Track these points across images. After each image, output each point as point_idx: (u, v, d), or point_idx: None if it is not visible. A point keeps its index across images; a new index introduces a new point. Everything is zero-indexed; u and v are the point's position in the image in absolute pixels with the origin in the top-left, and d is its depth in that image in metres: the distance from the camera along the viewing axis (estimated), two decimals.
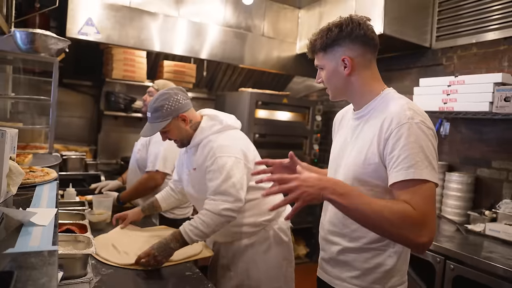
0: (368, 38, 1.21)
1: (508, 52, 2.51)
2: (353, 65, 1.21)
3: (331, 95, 1.30)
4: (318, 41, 1.24)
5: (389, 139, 1.11)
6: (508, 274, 1.70)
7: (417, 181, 1.05)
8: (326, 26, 1.24)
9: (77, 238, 1.32)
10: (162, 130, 1.70)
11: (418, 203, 1.05)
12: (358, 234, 1.22)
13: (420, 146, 1.07)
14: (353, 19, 1.21)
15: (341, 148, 1.31)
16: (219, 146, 1.68)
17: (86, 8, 2.84)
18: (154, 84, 2.49)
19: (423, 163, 1.06)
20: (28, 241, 0.73)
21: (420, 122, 1.10)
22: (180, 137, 1.75)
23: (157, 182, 2.30)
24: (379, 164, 1.14)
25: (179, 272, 1.52)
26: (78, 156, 3.14)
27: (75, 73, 3.43)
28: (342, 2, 3.29)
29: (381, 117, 1.16)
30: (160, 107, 1.68)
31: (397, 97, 1.22)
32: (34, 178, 1.22)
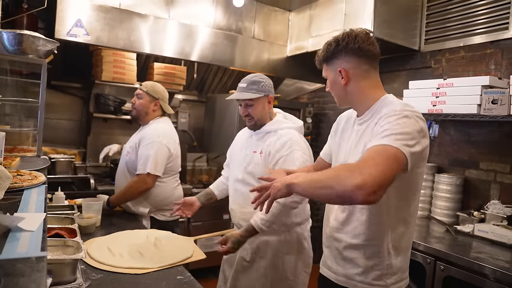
0: (363, 51, 1.29)
1: (495, 56, 2.56)
2: (348, 76, 1.31)
3: (337, 102, 1.41)
4: (321, 54, 1.37)
5: (377, 124, 1.21)
6: (497, 274, 1.73)
7: (384, 146, 1.10)
8: (329, 40, 1.37)
9: (66, 242, 1.29)
10: (250, 102, 1.87)
11: (367, 156, 1.10)
12: (358, 230, 1.29)
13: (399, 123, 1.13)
14: (350, 33, 1.31)
15: (348, 152, 1.38)
16: (297, 141, 1.86)
17: (75, 9, 2.80)
18: (142, 86, 2.47)
19: (397, 136, 1.11)
20: (15, 247, 0.71)
21: (410, 113, 1.17)
22: (259, 116, 1.91)
23: (148, 185, 2.28)
24: None
25: (171, 276, 1.50)
26: (67, 159, 3.10)
27: (64, 74, 3.38)
28: (332, 5, 3.31)
29: (376, 118, 1.25)
30: (258, 82, 1.89)
31: (394, 101, 1.29)
32: (21, 182, 1.19)
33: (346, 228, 1.32)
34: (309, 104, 4.03)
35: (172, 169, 2.43)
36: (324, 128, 4.12)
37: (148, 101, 2.42)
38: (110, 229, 2.01)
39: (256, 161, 1.89)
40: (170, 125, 2.51)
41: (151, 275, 1.49)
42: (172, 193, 2.43)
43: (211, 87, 4.19)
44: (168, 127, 2.46)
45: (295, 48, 3.77)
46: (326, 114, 4.13)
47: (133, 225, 2.12)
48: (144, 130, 2.41)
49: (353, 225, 1.30)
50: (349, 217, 1.31)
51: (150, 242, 1.77)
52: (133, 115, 2.51)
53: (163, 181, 2.36)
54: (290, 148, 1.82)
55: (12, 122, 2.70)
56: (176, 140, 2.47)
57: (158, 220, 2.37)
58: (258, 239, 1.85)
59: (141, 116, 2.45)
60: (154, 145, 2.28)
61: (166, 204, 2.39)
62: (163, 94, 2.48)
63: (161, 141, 2.31)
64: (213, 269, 3.48)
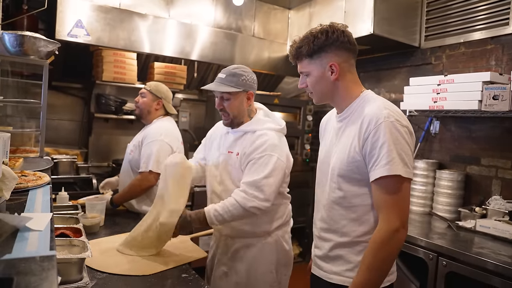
0: (351, 44, 1.29)
1: (495, 51, 2.56)
2: (339, 71, 1.28)
3: (317, 99, 1.37)
4: (304, 48, 1.29)
5: (368, 139, 1.21)
6: (499, 269, 1.73)
7: (392, 176, 1.17)
8: (310, 33, 1.30)
9: (72, 242, 1.30)
10: (226, 96, 1.74)
11: (387, 203, 1.19)
12: (348, 229, 1.30)
13: (395, 144, 1.17)
14: (336, 26, 1.29)
15: (327, 151, 1.39)
16: (273, 144, 1.70)
17: (75, 10, 2.80)
18: (146, 86, 2.49)
19: (397, 160, 1.16)
20: (25, 246, 0.72)
21: (395, 121, 1.19)
22: (235, 113, 1.76)
23: (150, 183, 2.29)
24: (361, 161, 1.24)
25: (175, 274, 1.51)
26: (69, 159, 3.10)
27: (64, 75, 3.38)
28: (332, 2, 3.31)
29: (360, 117, 1.25)
30: (239, 74, 1.74)
31: (374, 97, 1.30)
32: (26, 182, 1.20)
33: (334, 228, 1.33)
34: (310, 102, 4.03)
35: None
36: None
37: (151, 99, 2.44)
38: (114, 228, 2.02)
39: (232, 163, 1.77)
40: (173, 124, 2.52)
41: (156, 274, 1.50)
42: None
43: None
44: (171, 126, 2.47)
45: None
46: (326, 111, 4.10)
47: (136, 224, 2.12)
48: (147, 129, 2.43)
49: (341, 224, 1.31)
50: (335, 217, 1.32)
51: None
52: (136, 113, 2.54)
53: None
54: (264, 152, 1.68)
55: (14, 123, 2.70)
56: (179, 139, 2.48)
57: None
58: (238, 243, 1.78)
59: (144, 115, 2.47)
60: (156, 143, 2.30)
61: None
62: (167, 94, 2.49)
63: (163, 139, 2.32)
64: None
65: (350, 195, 1.28)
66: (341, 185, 1.30)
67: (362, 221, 1.28)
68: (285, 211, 1.85)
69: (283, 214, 1.84)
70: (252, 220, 1.73)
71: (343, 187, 1.29)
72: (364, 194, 1.27)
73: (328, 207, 1.34)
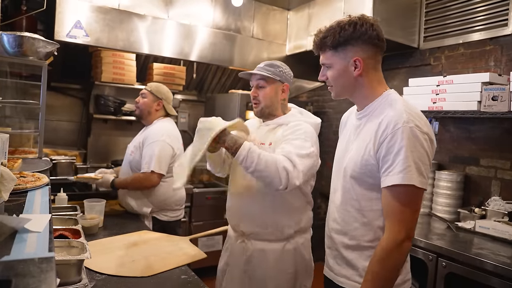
0: (379, 40, 1.21)
1: (494, 52, 2.57)
2: (363, 66, 1.21)
3: (335, 93, 1.30)
4: (329, 39, 1.22)
5: (383, 143, 1.15)
6: (498, 269, 1.73)
7: (404, 186, 1.11)
8: (338, 23, 1.22)
9: (71, 243, 1.30)
10: (262, 83, 1.72)
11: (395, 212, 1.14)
12: (358, 232, 1.26)
13: (410, 151, 1.11)
14: (366, 19, 1.21)
15: (342, 149, 1.35)
16: (310, 132, 1.64)
17: (74, 11, 2.80)
18: (147, 86, 2.50)
19: (412, 169, 1.10)
20: (23, 248, 0.72)
21: (414, 127, 1.12)
22: (268, 102, 1.73)
23: (152, 183, 2.29)
24: (375, 165, 1.18)
25: (175, 275, 1.51)
26: (68, 160, 3.09)
27: (63, 76, 3.38)
28: (331, 3, 3.32)
29: (378, 119, 1.19)
30: (277, 65, 1.76)
31: (396, 99, 1.22)
32: (25, 183, 1.19)
33: (345, 230, 1.29)
34: (309, 103, 4.03)
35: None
36: (325, 127, 4.12)
37: (151, 100, 2.44)
38: (113, 229, 2.01)
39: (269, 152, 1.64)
40: (174, 125, 2.52)
41: (156, 276, 1.49)
42: (175, 194, 2.43)
43: (210, 87, 4.19)
44: (171, 127, 2.47)
45: (294, 47, 3.78)
46: (326, 112, 4.13)
47: (135, 226, 2.13)
48: (148, 130, 2.43)
49: (352, 226, 1.27)
50: (348, 219, 1.28)
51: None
52: (136, 114, 2.54)
53: (166, 181, 2.36)
54: (304, 134, 1.61)
55: (12, 124, 2.70)
56: (179, 140, 2.48)
57: (160, 220, 2.37)
58: (255, 246, 1.70)
59: (144, 115, 2.47)
60: (158, 144, 2.29)
61: (168, 204, 2.40)
62: (167, 95, 2.50)
63: (165, 140, 2.32)
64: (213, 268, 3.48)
65: (362, 198, 1.24)
66: (353, 187, 1.25)
67: (373, 226, 1.24)
68: (307, 217, 1.77)
69: (303, 219, 1.74)
70: (274, 220, 1.66)
71: (355, 189, 1.25)
72: (376, 199, 1.22)
73: (340, 208, 1.31)
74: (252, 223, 1.69)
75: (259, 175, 1.50)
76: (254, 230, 1.70)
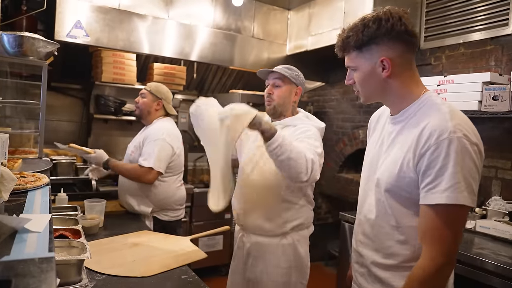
0: (409, 35, 1.07)
1: (495, 52, 2.56)
2: (393, 67, 1.07)
3: (364, 98, 1.17)
4: (352, 38, 1.09)
5: (425, 155, 1.01)
6: (499, 269, 1.73)
7: (450, 206, 0.97)
8: (361, 20, 1.09)
9: (71, 243, 1.30)
10: (278, 82, 1.80)
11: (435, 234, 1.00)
12: (393, 250, 1.12)
13: (459, 166, 0.96)
14: (393, 12, 1.07)
15: (373, 156, 1.21)
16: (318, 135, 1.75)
17: (74, 11, 2.80)
18: (146, 86, 2.50)
19: (461, 186, 0.96)
20: (23, 248, 0.71)
21: (463, 137, 0.97)
22: (281, 101, 1.81)
23: (149, 179, 2.26)
24: (414, 179, 1.05)
25: (175, 275, 1.51)
26: (68, 160, 3.10)
27: (63, 76, 3.38)
28: (331, 3, 3.32)
29: (419, 126, 1.05)
30: (294, 69, 1.85)
31: (439, 103, 1.08)
32: (25, 183, 1.19)
33: (377, 246, 1.16)
34: (309, 103, 4.03)
35: (175, 169, 2.43)
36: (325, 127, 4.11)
37: (151, 100, 2.44)
38: (113, 229, 2.01)
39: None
40: (174, 125, 2.52)
41: (156, 276, 1.49)
42: (175, 193, 2.43)
43: (210, 86, 4.19)
44: (172, 126, 2.47)
45: (295, 47, 3.78)
46: (326, 112, 4.13)
47: (136, 226, 2.13)
48: (148, 129, 2.43)
49: (386, 244, 1.13)
50: (381, 236, 1.14)
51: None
52: (136, 114, 2.54)
53: (165, 180, 2.36)
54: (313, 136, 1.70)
55: (13, 124, 2.70)
56: (179, 139, 2.48)
57: (161, 220, 2.37)
58: (253, 239, 1.79)
59: (144, 115, 2.47)
60: (158, 143, 2.29)
61: (169, 204, 2.39)
62: (167, 95, 2.49)
63: (165, 139, 2.32)
64: (214, 268, 3.49)
65: (398, 213, 1.10)
66: (388, 200, 1.11)
67: (411, 245, 1.10)
68: (305, 214, 1.82)
69: (303, 216, 1.80)
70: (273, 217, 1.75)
71: (390, 203, 1.11)
72: (413, 215, 1.08)
73: (372, 222, 1.17)
74: (252, 216, 1.79)
75: (289, 163, 1.47)
76: (253, 224, 1.79)
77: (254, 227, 1.79)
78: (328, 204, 4.21)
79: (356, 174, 3.90)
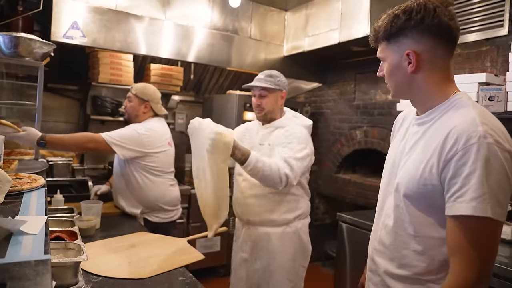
0: (442, 29, 0.99)
1: (490, 53, 2.58)
2: (419, 61, 1.01)
3: (392, 92, 1.12)
4: (382, 29, 1.05)
5: (452, 161, 0.93)
6: (496, 269, 1.74)
7: (477, 218, 0.90)
8: (394, 10, 1.04)
9: (67, 245, 1.29)
10: (264, 93, 1.95)
11: (463, 249, 0.93)
12: (409, 261, 1.06)
13: (488, 174, 0.89)
14: (428, 4, 0.99)
15: (396, 158, 1.14)
16: (305, 137, 1.93)
17: (71, 12, 2.79)
18: (132, 89, 2.43)
19: (488, 196, 0.89)
20: (19, 250, 0.71)
21: (494, 143, 0.90)
22: (270, 108, 1.98)
23: (96, 145, 2.16)
24: (437, 187, 0.97)
25: (173, 277, 1.50)
26: (65, 161, 3.08)
27: (60, 77, 3.36)
28: (328, 4, 3.32)
29: (445, 129, 0.97)
30: (275, 76, 1.98)
31: (469, 105, 1.00)
32: (21, 185, 1.18)
33: (392, 255, 1.10)
34: (306, 104, 4.03)
35: (160, 169, 2.36)
36: (322, 128, 4.12)
37: (137, 103, 2.39)
38: (110, 231, 2.00)
39: (264, 152, 1.93)
40: (162, 125, 2.45)
41: (153, 277, 1.49)
42: (165, 194, 2.39)
43: (208, 87, 4.19)
44: (157, 125, 2.39)
45: (292, 48, 3.78)
46: (323, 113, 4.13)
47: (132, 227, 2.12)
48: None
49: (402, 253, 1.07)
50: (397, 244, 1.08)
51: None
52: (125, 118, 2.50)
53: (152, 180, 2.32)
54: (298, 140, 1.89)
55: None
56: (165, 138, 2.40)
57: (151, 222, 2.35)
58: (260, 231, 1.96)
59: (132, 119, 2.41)
60: (126, 128, 2.28)
61: (159, 205, 2.37)
62: (154, 96, 2.43)
63: (135, 129, 2.27)
64: (212, 269, 3.48)
65: (417, 222, 1.03)
66: (408, 207, 1.05)
67: (428, 256, 1.03)
68: (304, 205, 2.04)
69: (302, 207, 2.02)
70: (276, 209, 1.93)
71: (410, 210, 1.05)
72: (433, 224, 1.01)
73: (389, 229, 1.10)
74: (256, 213, 1.95)
75: (264, 178, 1.78)
76: (258, 219, 1.95)
77: (260, 220, 1.95)
78: (325, 204, 4.21)
79: (353, 174, 3.90)
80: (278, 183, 1.78)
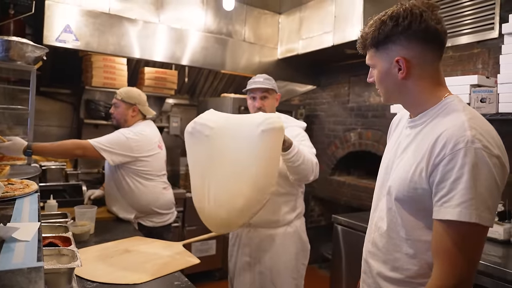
0: (429, 34, 0.99)
1: (482, 55, 2.60)
2: (409, 68, 1.01)
3: (383, 98, 1.12)
4: (370, 36, 1.04)
5: (439, 166, 0.93)
6: (489, 269, 1.75)
7: (463, 223, 0.89)
8: (381, 17, 1.03)
9: (61, 251, 1.27)
10: (266, 94, 2.01)
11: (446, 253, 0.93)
12: (401, 264, 1.05)
13: (476, 179, 0.89)
14: (414, 9, 0.98)
15: (390, 161, 1.14)
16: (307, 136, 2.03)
17: (63, 15, 2.78)
18: (117, 94, 2.41)
19: (476, 202, 0.88)
20: (11, 258, 0.70)
21: (482, 148, 0.90)
22: (271, 109, 2.03)
23: (84, 152, 2.15)
24: (427, 190, 0.97)
25: (168, 282, 1.49)
26: (58, 166, 3.06)
27: (53, 81, 3.34)
28: (322, 7, 3.34)
29: (435, 133, 0.97)
30: (271, 79, 2.06)
31: (459, 108, 0.99)
32: (13, 191, 1.17)
33: (385, 258, 1.10)
34: (301, 106, 4.05)
35: (151, 172, 2.35)
36: (316, 130, 4.13)
37: (125, 108, 2.38)
38: (105, 236, 1.99)
39: None
40: (151, 127, 2.43)
41: (148, 283, 1.47)
42: (158, 198, 2.37)
43: (202, 90, 4.18)
44: (146, 128, 2.37)
45: (286, 51, 3.79)
46: (318, 115, 4.15)
47: (127, 232, 2.10)
48: None
49: (394, 256, 1.07)
50: (389, 247, 1.09)
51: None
52: (114, 124, 2.48)
53: (144, 184, 2.31)
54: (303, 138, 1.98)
55: (1, 130, 2.66)
56: (154, 141, 2.39)
57: (145, 226, 2.34)
58: (262, 234, 1.97)
59: (122, 124, 2.40)
60: (115, 133, 2.26)
61: (152, 209, 2.35)
62: (140, 98, 2.41)
63: (123, 133, 2.25)
64: (207, 273, 3.47)
65: (409, 225, 1.04)
66: (399, 210, 1.05)
67: (420, 259, 1.03)
68: (302, 204, 2.11)
69: (300, 206, 2.09)
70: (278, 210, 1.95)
71: (401, 214, 1.05)
72: (424, 228, 1.01)
73: (383, 231, 1.10)
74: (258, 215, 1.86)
75: (302, 167, 1.79)
76: (260, 220, 1.93)
77: (263, 222, 1.95)
78: (320, 207, 4.22)
79: (348, 176, 3.92)
80: (310, 173, 1.83)
